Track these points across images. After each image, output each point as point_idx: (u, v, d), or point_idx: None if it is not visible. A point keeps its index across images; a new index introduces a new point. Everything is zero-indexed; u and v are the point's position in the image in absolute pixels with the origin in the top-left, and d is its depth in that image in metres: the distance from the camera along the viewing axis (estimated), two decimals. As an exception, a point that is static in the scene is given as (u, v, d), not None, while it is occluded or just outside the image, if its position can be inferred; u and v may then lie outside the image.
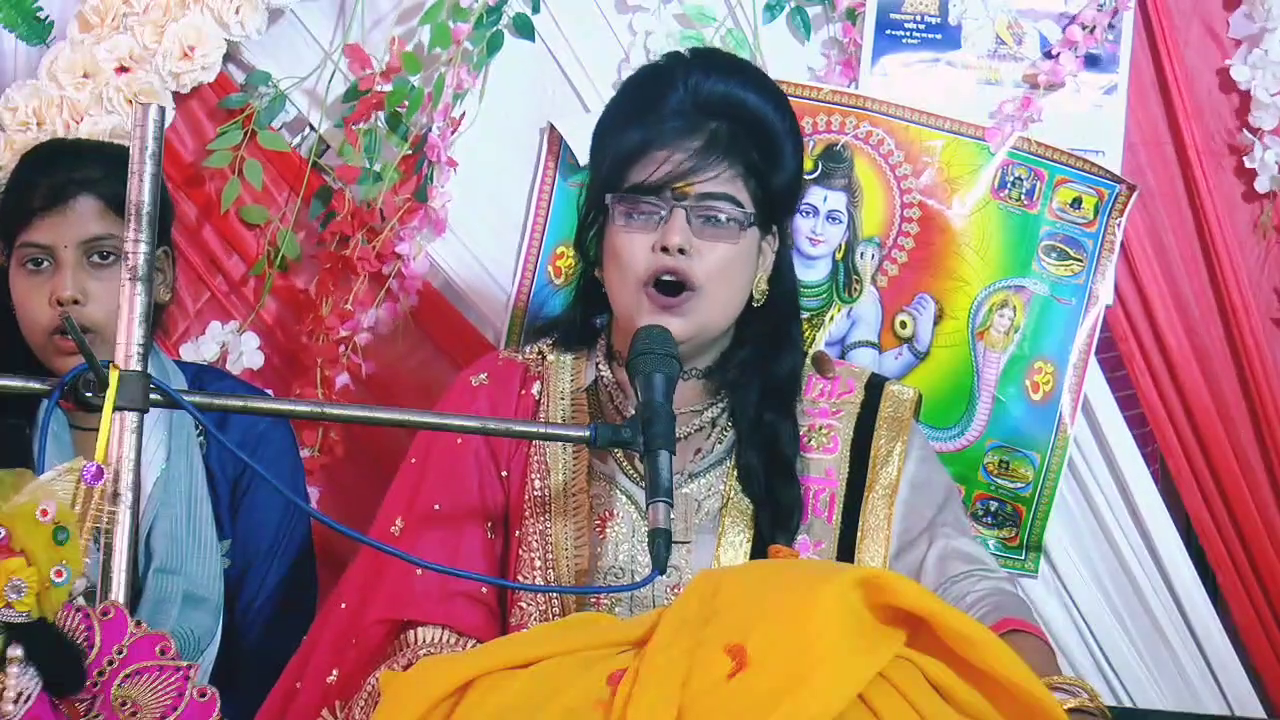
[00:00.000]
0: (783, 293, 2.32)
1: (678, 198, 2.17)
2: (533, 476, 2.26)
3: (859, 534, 2.24)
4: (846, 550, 2.23)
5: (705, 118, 2.19)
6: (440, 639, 2.15)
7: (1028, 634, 2.11)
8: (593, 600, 2.20)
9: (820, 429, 2.30)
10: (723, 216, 2.18)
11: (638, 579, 2.18)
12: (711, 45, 2.82)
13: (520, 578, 2.22)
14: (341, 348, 2.87)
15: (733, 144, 2.19)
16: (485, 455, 2.27)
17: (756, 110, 2.22)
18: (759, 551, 2.20)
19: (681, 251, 2.16)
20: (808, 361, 2.35)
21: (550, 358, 2.35)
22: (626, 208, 2.19)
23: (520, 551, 2.23)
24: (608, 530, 2.23)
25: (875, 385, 2.34)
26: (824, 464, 2.28)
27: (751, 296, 2.27)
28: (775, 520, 2.21)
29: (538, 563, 2.22)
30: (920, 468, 2.30)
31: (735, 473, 2.24)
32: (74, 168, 2.46)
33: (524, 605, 2.21)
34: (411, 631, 2.16)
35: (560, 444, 2.25)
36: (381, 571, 2.19)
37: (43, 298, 2.43)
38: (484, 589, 2.20)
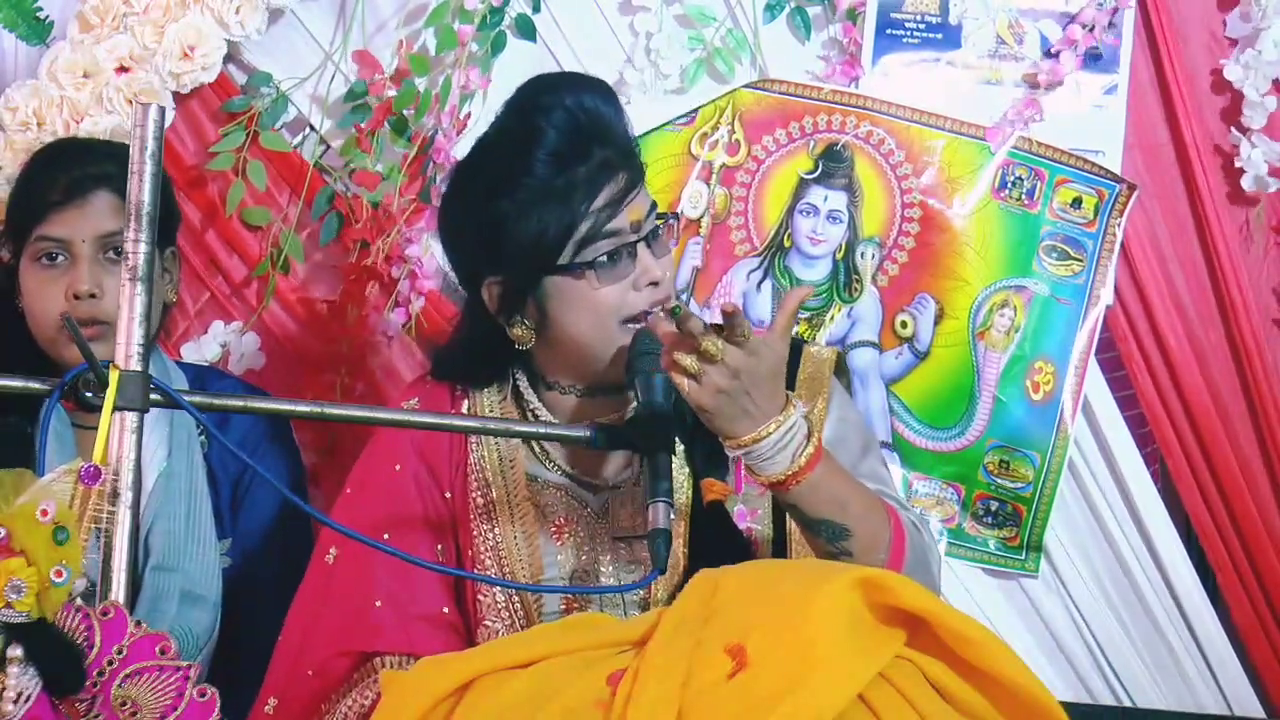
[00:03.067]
0: None
1: (634, 229, 2.13)
2: (474, 494, 2.23)
3: None
4: (780, 513, 2.18)
5: (595, 148, 2.12)
6: (403, 667, 2.11)
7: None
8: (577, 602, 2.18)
9: None
10: (662, 225, 2.17)
11: (603, 581, 2.18)
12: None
13: (480, 595, 2.20)
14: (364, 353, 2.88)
15: (624, 160, 2.16)
16: (425, 478, 2.24)
17: (609, 115, 2.17)
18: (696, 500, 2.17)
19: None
20: None
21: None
22: (598, 266, 2.11)
23: (475, 568, 2.20)
24: (565, 536, 2.21)
25: (794, 348, 2.25)
26: None
27: None
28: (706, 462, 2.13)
29: (494, 574, 2.19)
30: (838, 427, 2.24)
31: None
32: (91, 164, 2.46)
33: (489, 624, 2.19)
34: (375, 660, 2.13)
35: (496, 459, 2.23)
36: (329, 605, 2.17)
37: (58, 292, 2.43)
38: (445, 609, 2.18)
